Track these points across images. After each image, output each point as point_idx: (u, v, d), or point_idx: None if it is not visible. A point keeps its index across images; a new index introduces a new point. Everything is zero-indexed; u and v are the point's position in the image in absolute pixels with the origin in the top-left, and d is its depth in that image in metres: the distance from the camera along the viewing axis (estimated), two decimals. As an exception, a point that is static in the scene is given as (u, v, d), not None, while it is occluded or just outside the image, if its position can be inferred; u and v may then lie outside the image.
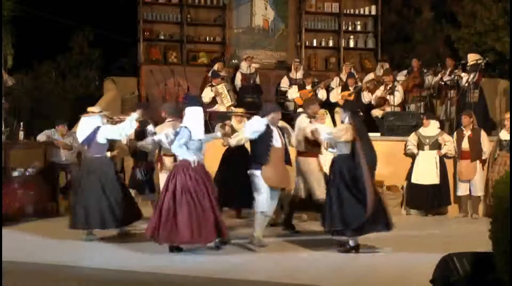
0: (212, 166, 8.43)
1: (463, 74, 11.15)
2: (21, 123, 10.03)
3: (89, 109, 7.86)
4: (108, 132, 7.55)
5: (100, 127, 7.57)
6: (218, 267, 6.35)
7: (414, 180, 9.97)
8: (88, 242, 7.52)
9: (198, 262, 6.55)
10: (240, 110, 9.40)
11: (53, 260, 6.62)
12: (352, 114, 7.09)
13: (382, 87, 11.83)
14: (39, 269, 6.32)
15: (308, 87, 12.11)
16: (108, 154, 7.80)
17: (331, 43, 14.08)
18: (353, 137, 6.88)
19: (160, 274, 6.11)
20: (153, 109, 10.66)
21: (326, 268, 6.35)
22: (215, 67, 12.52)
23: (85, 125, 7.66)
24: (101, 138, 7.54)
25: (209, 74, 12.20)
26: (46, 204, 9.52)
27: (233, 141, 7.53)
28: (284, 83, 12.78)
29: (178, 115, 7.69)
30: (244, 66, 12.85)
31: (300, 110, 9.59)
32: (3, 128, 9.44)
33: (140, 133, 8.28)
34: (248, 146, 7.66)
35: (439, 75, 11.60)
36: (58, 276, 6.10)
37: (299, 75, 12.64)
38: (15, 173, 9.22)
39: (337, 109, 11.86)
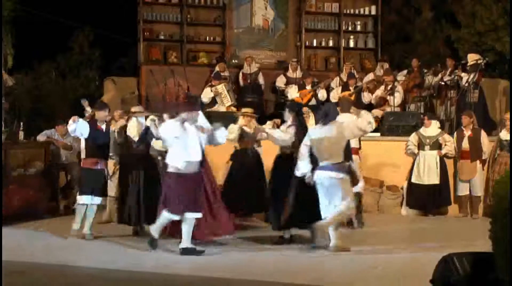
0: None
1: (463, 74, 11.16)
2: (21, 123, 10.03)
3: (133, 109, 8.13)
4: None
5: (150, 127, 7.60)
6: (218, 267, 6.35)
7: (414, 180, 9.97)
8: (88, 242, 7.52)
9: (198, 262, 6.55)
10: (249, 110, 9.01)
11: (53, 260, 6.62)
12: (296, 115, 7.34)
13: (382, 87, 11.83)
14: (39, 269, 6.32)
15: (308, 87, 12.12)
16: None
17: (331, 43, 14.07)
18: (296, 138, 7.17)
19: (160, 274, 6.12)
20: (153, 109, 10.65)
21: (326, 268, 6.36)
22: (217, 67, 12.52)
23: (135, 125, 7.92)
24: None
25: (212, 75, 12.20)
26: (46, 204, 9.51)
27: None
28: (280, 81, 12.78)
29: None
30: (245, 66, 12.88)
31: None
32: (3, 128, 9.44)
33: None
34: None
35: (439, 75, 11.60)
36: (58, 276, 6.10)
37: (297, 75, 12.65)
38: (15, 173, 9.22)
39: (337, 108, 11.89)
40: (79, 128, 7.55)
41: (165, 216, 6.87)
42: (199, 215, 6.87)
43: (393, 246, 7.32)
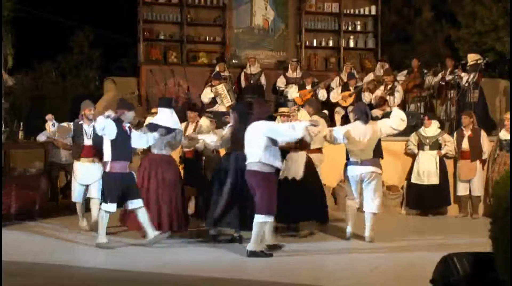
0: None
1: (463, 74, 11.15)
2: (21, 123, 10.03)
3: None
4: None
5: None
6: (218, 267, 6.35)
7: (414, 180, 9.97)
8: (88, 242, 7.51)
9: (198, 262, 6.55)
10: (286, 109, 8.65)
11: (53, 260, 6.62)
12: (240, 114, 7.36)
13: (382, 87, 11.83)
14: (39, 269, 6.32)
15: (308, 87, 12.11)
16: None
17: (331, 43, 14.06)
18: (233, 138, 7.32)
19: (160, 274, 6.11)
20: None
21: (326, 268, 6.36)
22: (217, 68, 12.53)
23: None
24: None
25: (213, 75, 12.20)
26: (46, 204, 9.51)
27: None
28: (281, 82, 12.79)
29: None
30: (247, 66, 12.89)
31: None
32: (3, 128, 9.44)
33: None
34: None
35: (439, 75, 11.60)
36: (58, 276, 6.09)
37: (297, 74, 12.65)
38: (15, 173, 9.22)
39: (337, 108, 11.92)
40: (107, 127, 7.00)
41: (262, 219, 6.66)
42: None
43: (393, 246, 7.32)
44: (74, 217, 8.66)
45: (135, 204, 7.16)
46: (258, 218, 6.58)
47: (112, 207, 7.09)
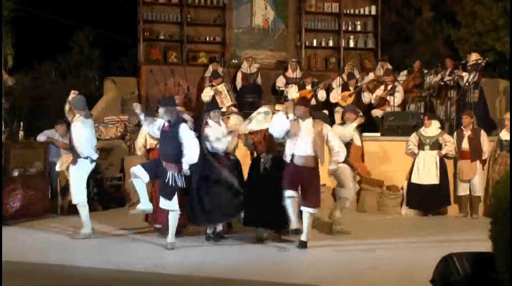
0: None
1: (463, 74, 11.15)
2: (21, 123, 10.02)
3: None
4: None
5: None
6: (218, 267, 6.35)
7: (414, 180, 9.96)
8: (88, 242, 7.52)
9: (198, 262, 6.56)
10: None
11: (53, 260, 6.62)
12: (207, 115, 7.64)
13: (382, 87, 11.83)
14: (39, 269, 6.32)
15: (308, 87, 12.11)
16: None
17: (331, 43, 14.07)
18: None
19: (160, 274, 6.12)
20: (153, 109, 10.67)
21: (326, 268, 6.36)
22: (210, 67, 12.54)
23: None
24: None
25: (210, 75, 12.21)
26: (46, 204, 9.51)
27: None
28: (280, 82, 12.79)
29: None
30: (244, 65, 12.88)
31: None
32: (3, 128, 9.43)
33: None
34: None
35: (439, 76, 11.59)
36: (58, 276, 6.10)
37: (296, 75, 12.65)
38: (15, 173, 9.22)
39: (337, 108, 11.92)
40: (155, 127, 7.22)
41: (312, 211, 7.23)
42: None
43: (393, 246, 7.32)
44: (75, 217, 8.66)
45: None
46: (310, 210, 7.11)
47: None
